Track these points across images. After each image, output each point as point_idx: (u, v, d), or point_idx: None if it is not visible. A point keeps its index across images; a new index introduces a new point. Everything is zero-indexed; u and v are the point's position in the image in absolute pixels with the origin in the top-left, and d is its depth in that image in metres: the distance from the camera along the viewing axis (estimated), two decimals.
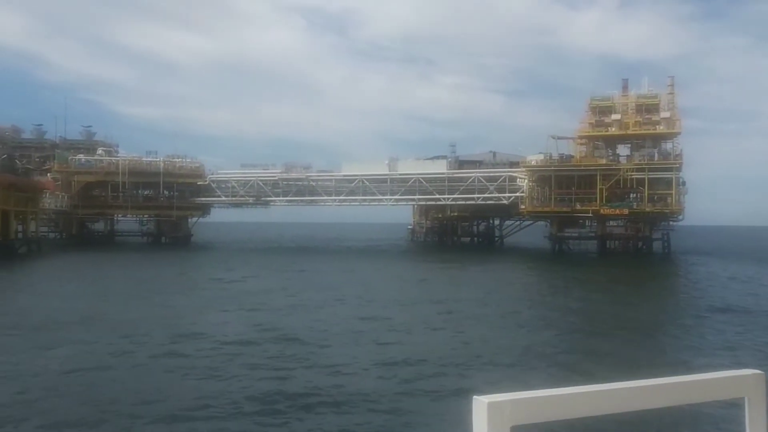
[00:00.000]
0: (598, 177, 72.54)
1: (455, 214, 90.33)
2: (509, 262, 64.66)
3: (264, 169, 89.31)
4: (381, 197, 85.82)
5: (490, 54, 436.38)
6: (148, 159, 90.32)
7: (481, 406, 1.76)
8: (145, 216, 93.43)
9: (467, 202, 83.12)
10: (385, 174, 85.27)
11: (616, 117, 73.56)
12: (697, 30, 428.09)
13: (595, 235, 76.44)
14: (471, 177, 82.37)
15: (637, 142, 74.34)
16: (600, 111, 74.92)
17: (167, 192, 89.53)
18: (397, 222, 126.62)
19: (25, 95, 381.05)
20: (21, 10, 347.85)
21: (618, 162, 75.27)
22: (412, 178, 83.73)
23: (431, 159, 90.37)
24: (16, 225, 66.62)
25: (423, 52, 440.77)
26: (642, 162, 71.96)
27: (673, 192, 70.94)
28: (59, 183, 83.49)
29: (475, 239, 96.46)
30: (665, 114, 72.26)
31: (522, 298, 36.38)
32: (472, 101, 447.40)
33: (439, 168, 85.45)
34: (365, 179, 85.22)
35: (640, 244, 75.56)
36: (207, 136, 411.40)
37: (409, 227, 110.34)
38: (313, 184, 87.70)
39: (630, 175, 71.59)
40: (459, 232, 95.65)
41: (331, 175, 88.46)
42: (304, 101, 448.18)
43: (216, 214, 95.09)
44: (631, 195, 73.64)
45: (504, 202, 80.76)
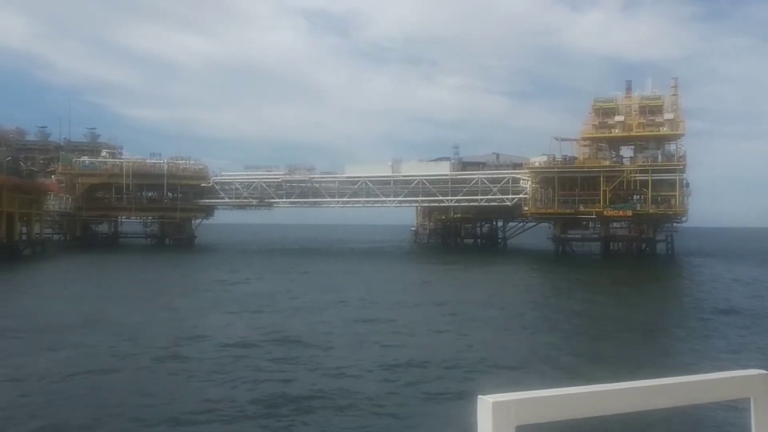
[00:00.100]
0: (601, 178, 72.40)
1: (458, 215, 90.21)
2: (512, 263, 64.55)
3: (267, 171, 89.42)
4: (384, 199, 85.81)
5: (492, 55, 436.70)
6: (151, 161, 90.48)
7: (486, 405, 1.76)
8: (149, 218, 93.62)
9: (470, 203, 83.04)
10: (389, 176, 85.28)
11: (619, 118, 73.46)
12: (700, 31, 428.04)
13: (599, 237, 76.30)
14: (474, 178, 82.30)
15: (641, 143, 74.21)
16: (603, 112, 74.82)
17: (171, 194, 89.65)
18: (401, 224, 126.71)
19: (29, 97, 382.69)
20: (24, 11, 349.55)
21: (621, 163, 75.17)
22: (415, 179, 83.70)
23: (434, 161, 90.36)
24: (20, 227, 66.80)
25: (426, 53, 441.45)
26: (645, 163, 71.77)
27: (677, 193, 70.75)
28: (63, 185, 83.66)
29: (479, 241, 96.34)
30: (669, 115, 72.10)
31: (526, 300, 36.33)
32: (475, 102, 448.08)
33: (443, 170, 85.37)
34: (368, 181, 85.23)
35: (643, 245, 75.44)
36: (210, 138, 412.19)
37: (413, 229, 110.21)
38: (317, 185, 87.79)
39: (633, 177, 71.40)
40: (462, 233, 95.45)
41: (335, 177, 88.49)
42: (307, 103, 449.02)
43: (219, 215, 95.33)
44: (635, 197, 73.42)
45: (507, 203, 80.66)
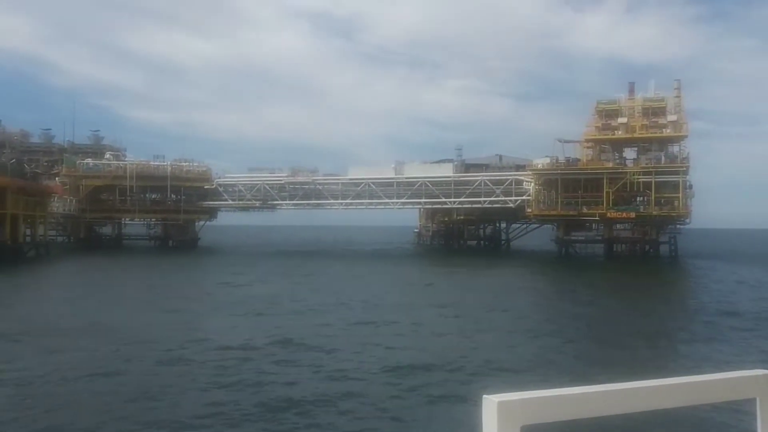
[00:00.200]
0: (604, 180, 72.28)
1: (462, 217, 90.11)
2: (516, 265, 64.46)
3: (271, 173, 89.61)
4: (387, 201, 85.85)
5: (496, 57, 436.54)
6: (155, 163, 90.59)
7: (491, 405, 1.75)
8: (153, 220, 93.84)
9: (473, 205, 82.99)
10: (392, 177, 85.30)
11: (622, 120, 73.31)
12: (704, 32, 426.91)
13: (602, 239, 76.17)
14: (477, 180, 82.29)
15: (644, 145, 74.09)
16: (606, 114, 74.71)
17: (174, 196, 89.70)
18: (404, 225, 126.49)
19: (34, 100, 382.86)
20: (29, 14, 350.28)
21: (625, 165, 74.99)
22: (418, 181, 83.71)
23: (438, 162, 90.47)
24: (24, 229, 66.95)
25: (429, 55, 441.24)
26: (649, 165, 71.66)
27: (680, 195, 70.57)
28: (67, 187, 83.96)
29: (482, 242, 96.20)
30: (672, 117, 71.97)
31: (529, 302, 36.29)
32: (478, 104, 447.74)
33: (446, 171, 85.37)
34: (372, 183, 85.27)
35: (647, 247, 75.34)
36: (214, 140, 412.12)
37: (416, 231, 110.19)
38: (320, 187, 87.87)
39: (637, 179, 71.29)
40: (465, 235, 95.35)
41: (338, 179, 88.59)
42: (311, 105, 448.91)
43: (223, 217, 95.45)
44: (638, 198, 73.28)
45: (510, 205, 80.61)
